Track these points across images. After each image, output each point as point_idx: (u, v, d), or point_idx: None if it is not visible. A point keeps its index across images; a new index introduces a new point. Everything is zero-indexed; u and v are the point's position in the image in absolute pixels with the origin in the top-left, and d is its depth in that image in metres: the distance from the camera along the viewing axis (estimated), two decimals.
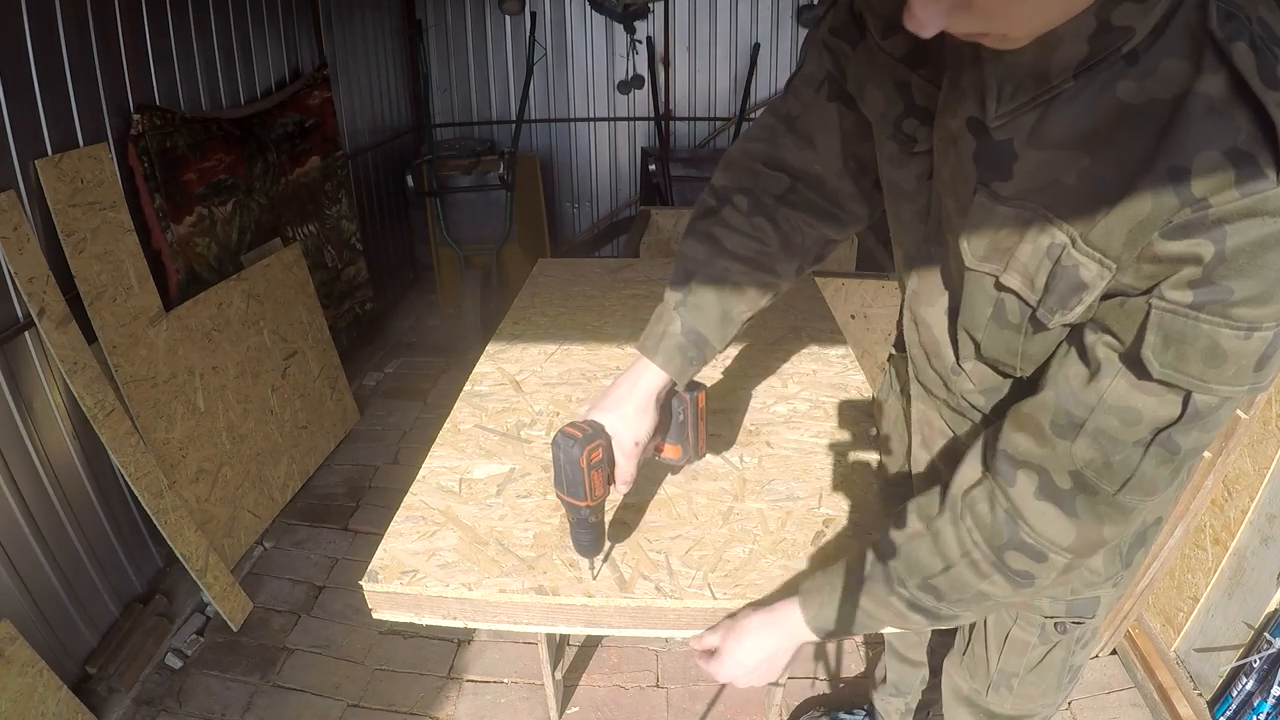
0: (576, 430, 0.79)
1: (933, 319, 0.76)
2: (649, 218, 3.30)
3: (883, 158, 0.76)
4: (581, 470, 0.78)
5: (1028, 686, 0.93)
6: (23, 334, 1.67)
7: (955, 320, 0.72)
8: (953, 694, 1.05)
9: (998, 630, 0.91)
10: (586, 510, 0.80)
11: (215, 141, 2.39)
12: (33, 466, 1.68)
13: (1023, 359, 0.67)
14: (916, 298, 0.78)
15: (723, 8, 4.22)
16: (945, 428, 0.86)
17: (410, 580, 0.85)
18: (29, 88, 1.70)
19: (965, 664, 1.01)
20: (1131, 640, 1.83)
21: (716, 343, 0.83)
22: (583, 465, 0.77)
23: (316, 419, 2.69)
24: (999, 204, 0.60)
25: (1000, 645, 0.92)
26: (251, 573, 2.22)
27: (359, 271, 3.45)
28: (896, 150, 0.72)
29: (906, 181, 0.73)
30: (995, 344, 0.68)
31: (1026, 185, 0.59)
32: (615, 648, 1.94)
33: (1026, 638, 0.89)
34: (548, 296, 1.66)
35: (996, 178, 0.60)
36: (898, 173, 0.74)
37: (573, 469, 0.78)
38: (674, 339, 0.82)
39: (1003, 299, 0.64)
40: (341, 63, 3.46)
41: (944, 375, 0.79)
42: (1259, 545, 1.58)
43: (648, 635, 0.90)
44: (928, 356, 0.81)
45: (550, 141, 4.55)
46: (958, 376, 0.76)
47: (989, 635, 0.93)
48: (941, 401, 0.83)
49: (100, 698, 1.76)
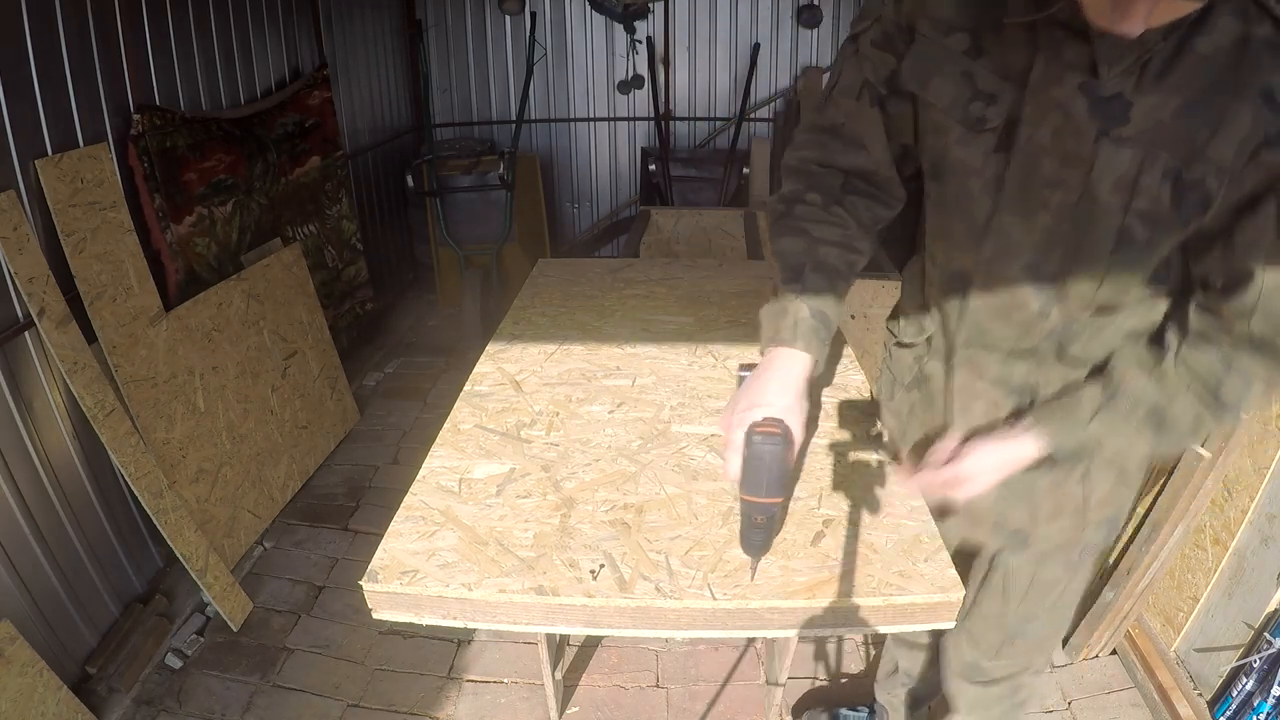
0: (773, 428, 0.79)
1: (1013, 275, 0.88)
2: (649, 218, 3.30)
3: (949, 140, 0.87)
4: (787, 467, 0.79)
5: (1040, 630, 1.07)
6: (23, 334, 1.67)
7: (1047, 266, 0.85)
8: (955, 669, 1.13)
9: (1021, 577, 1.03)
10: (777, 507, 0.81)
11: (215, 141, 2.39)
12: (33, 466, 1.68)
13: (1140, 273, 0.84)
14: (992, 263, 0.89)
15: (723, 8, 4.22)
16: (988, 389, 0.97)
17: (410, 580, 0.85)
18: (29, 88, 1.71)
19: (967, 632, 1.11)
20: (1131, 640, 1.83)
21: (835, 320, 0.90)
22: (788, 462, 0.79)
23: (316, 419, 2.69)
24: (1121, 146, 0.76)
25: (1023, 591, 1.04)
26: (251, 573, 2.22)
27: (359, 271, 3.45)
28: (964, 131, 0.85)
29: (974, 158, 0.86)
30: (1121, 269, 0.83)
31: (1140, 127, 0.75)
32: (615, 648, 1.94)
33: (1054, 574, 1.03)
34: (548, 296, 1.66)
35: (1116, 125, 0.76)
36: (965, 150, 0.86)
37: (780, 467, 0.78)
38: (806, 323, 0.87)
39: (1128, 224, 0.79)
40: (341, 63, 3.46)
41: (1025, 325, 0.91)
42: (1259, 545, 1.58)
43: (648, 635, 0.90)
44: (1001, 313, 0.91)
45: (550, 141, 4.55)
46: (1045, 320, 0.89)
47: (1010, 586, 1.04)
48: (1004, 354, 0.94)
49: (100, 698, 1.76)
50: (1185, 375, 0.82)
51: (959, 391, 1.00)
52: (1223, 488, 1.65)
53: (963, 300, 0.94)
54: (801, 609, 0.83)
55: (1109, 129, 0.76)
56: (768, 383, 0.85)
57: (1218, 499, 1.67)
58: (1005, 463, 0.90)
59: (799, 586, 0.84)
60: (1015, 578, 1.05)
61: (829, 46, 4.27)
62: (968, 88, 0.83)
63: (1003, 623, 1.07)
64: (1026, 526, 1.02)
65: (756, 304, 1.63)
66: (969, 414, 1.00)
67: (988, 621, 1.09)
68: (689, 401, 1.22)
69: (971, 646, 1.12)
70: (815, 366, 0.87)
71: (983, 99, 0.83)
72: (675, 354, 1.38)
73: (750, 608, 0.83)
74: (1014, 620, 1.07)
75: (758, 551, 0.84)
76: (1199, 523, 1.70)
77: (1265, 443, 1.57)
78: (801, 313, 0.87)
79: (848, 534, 0.92)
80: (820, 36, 4.26)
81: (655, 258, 2.69)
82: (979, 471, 0.90)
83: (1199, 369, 0.82)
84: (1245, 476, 1.61)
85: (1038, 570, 1.03)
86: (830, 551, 0.89)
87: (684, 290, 1.70)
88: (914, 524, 0.94)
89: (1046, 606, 1.05)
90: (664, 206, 3.73)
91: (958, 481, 0.90)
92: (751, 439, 0.79)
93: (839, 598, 0.83)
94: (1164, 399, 0.83)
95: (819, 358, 0.87)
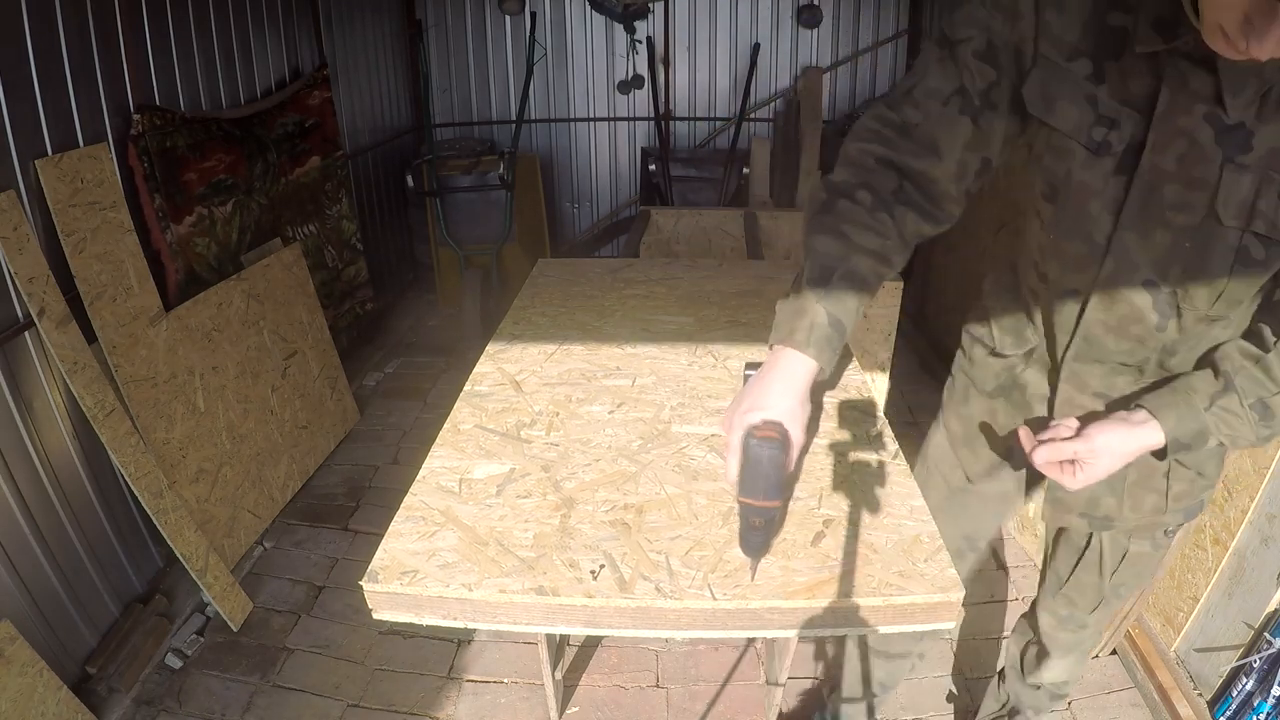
0: (771, 431, 0.79)
1: (1131, 293, 0.91)
2: (649, 218, 3.30)
3: (1073, 163, 0.90)
4: (784, 471, 0.79)
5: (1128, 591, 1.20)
6: (23, 334, 1.67)
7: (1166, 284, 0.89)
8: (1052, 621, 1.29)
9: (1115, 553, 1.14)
10: (775, 510, 0.81)
11: (215, 141, 2.39)
12: (33, 466, 1.68)
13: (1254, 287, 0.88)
14: (1112, 279, 0.91)
15: (723, 8, 4.22)
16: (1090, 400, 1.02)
17: (410, 580, 0.85)
18: (29, 88, 1.70)
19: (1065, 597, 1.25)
20: (1131, 640, 1.83)
21: (850, 330, 0.90)
22: (786, 466, 0.79)
23: (316, 419, 2.69)
24: (1243, 172, 0.80)
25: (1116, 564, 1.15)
26: (251, 573, 2.22)
27: (359, 271, 3.45)
28: (1087, 155, 0.88)
29: (1096, 180, 0.89)
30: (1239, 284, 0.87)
31: (1261, 154, 0.79)
32: (615, 648, 1.94)
33: (1142, 549, 1.13)
34: (548, 296, 1.66)
35: (1239, 152, 0.80)
36: (1087, 173, 0.89)
37: (777, 471, 0.78)
38: (822, 330, 0.86)
39: (1246, 245, 0.83)
40: (341, 63, 3.46)
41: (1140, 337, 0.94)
42: (1259, 545, 1.58)
43: (648, 635, 0.90)
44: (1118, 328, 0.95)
45: (550, 141, 4.55)
46: (1162, 333, 0.93)
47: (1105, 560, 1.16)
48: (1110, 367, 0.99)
49: (100, 698, 1.76)
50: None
51: (1061, 405, 1.04)
52: (1223, 488, 1.65)
53: (1078, 315, 0.97)
54: (801, 609, 0.83)
55: (1233, 156, 0.80)
56: (771, 385, 0.86)
57: (1218, 499, 1.67)
58: (1130, 450, 0.92)
59: (799, 586, 0.84)
60: (1110, 554, 1.15)
61: (829, 46, 4.28)
62: (1091, 112, 0.86)
63: (1099, 590, 1.20)
64: (1113, 513, 1.09)
65: (757, 304, 1.64)
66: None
67: (1084, 588, 1.21)
68: (689, 401, 1.22)
69: (1069, 606, 1.26)
70: (821, 374, 0.88)
71: (1105, 124, 0.86)
72: (675, 354, 1.38)
73: (750, 608, 0.83)
74: (1108, 588, 1.19)
75: (757, 553, 0.84)
76: (1199, 523, 1.70)
77: None
78: (819, 318, 0.86)
79: (848, 534, 0.92)
80: (820, 36, 4.26)
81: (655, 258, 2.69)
82: (1107, 453, 0.91)
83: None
84: (1245, 476, 1.61)
85: (1130, 547, 1.13)
86: (830, 552, 0.89)
87: (684, 290, 1.70)
88: (914, 524, 0.94)
89: (1134, 574, 1.17)
90: (664, 206, 3.72)
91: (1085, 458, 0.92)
92: (749, 442, 0.79)
93: (839, 598, 0.83)
94: (1269, 390, 0.88)
95: (827, 367, 0.88)
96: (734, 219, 3.32)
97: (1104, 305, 0.94)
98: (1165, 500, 1.06)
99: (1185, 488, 1.05)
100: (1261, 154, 0.79)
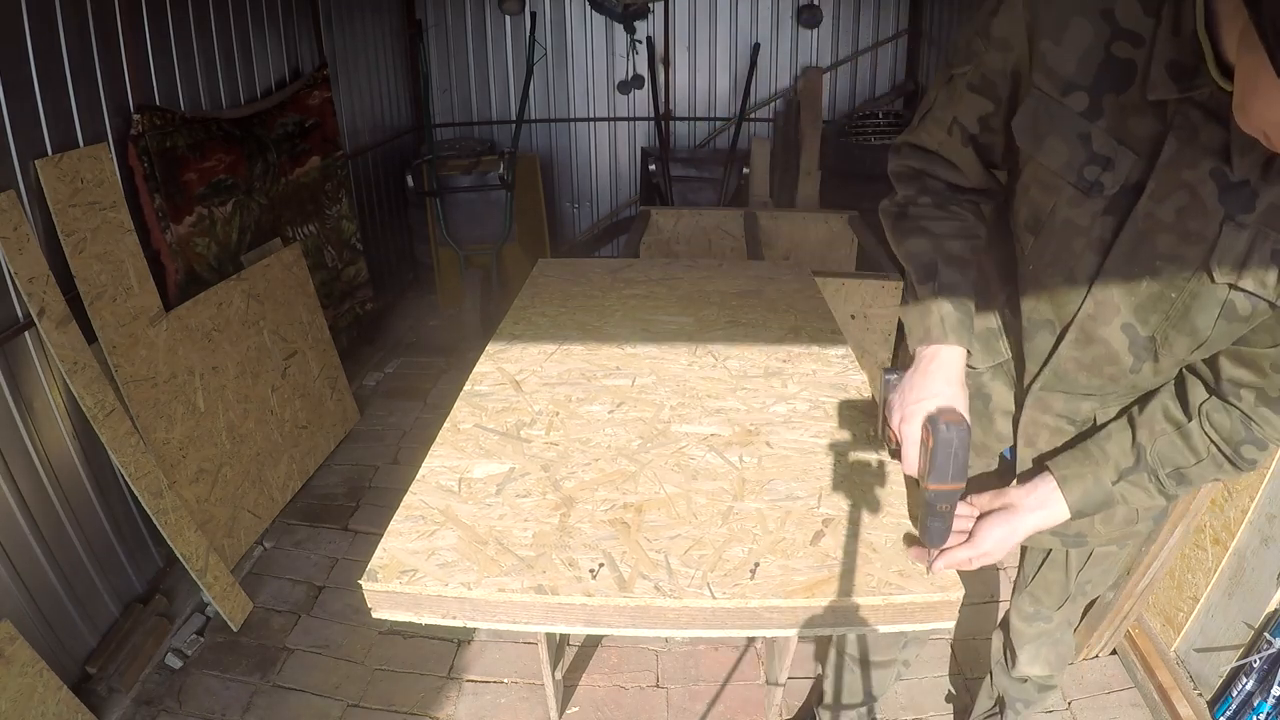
0: (954, 416, 0.82)
1: (1109, 334, 0.92)
2: (649, 218, 3.30)
3: (1058, 199, 0.89)
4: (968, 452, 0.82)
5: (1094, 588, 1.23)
6: (23, 334, 1.67)
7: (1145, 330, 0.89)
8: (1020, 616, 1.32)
9: (1081, 553, 1.16)
10: (960, 493, 0.84)
11: (215, 141, 2.39)
12: (33, 466, 1.68)
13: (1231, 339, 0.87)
14: (1093, 320, 0.92)
15: (723, 8, 4.22)
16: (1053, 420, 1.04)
17: (410, 579, 0.85)
18: (29, 88, 1.71)
19: (1030, 594, 1.27)
20: (1131, 640, 1.83)
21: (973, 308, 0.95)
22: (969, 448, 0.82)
23: (316, 419, 2.69)
24: (1242, 230, 0.78)
25: (1082, 564, 1.18)
26: (251, 573, 2.22)
27: (359, 271, 3.45)
28: (1075, 193, 0.86)
29: (1082, 219, 0.88)
30: (1221, 335, 0.86)
31: (1261, 211, 0.77)
32: (615, 648, 1.94)
33: (1110, 550, 1.16)
34: (548, 296, 1.66)
35: (1241, 211, 0.78)
36: (1074, 211, 0.88)
37: (965, 453, 0.81)
38: (952, 318, 0.92)
39: (1232, 299, 0.82)
40: (341, 63, 3.46)
41: (1114, 377, 0.95)
42: (1259, 545, 1.58)
43: (647, 635, 0.90)
44: (1091, 366, 0.96)
45: (550, 141, 4.55)
46: (1135, 374, 0.94)
47: (1071, 559, 1.18)
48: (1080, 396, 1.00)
49: (100, 698, 1.76)
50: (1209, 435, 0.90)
51: (1025, 425, 1.06)
52: (1223, 488, 1.65)
53: (1052, 349, 0.98)
54: (801, 608, 0.83)
55: (1234, 214, 0.78)
56: (932, 377, 0.90)
57: (1218, 499, 1.67)
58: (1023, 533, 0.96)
59: (798, 586, 0.84)
60: (1076, 555, 1.18)
61: (829, 46, 4.28)
62: (1084, 150, 0.84)
63: (1065, 587, 1.22)
64: (1086, 530, 1.10)
65: (756, 304, 1.64)
66: (1034, 445, 1.06)
67: (1050, 585, 1.23)
68: (689, 401, 1.22)
69: (1034, 603, 1.28)
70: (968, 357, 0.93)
71: (1098, 163, 0.83)
72: (675, 354, 1.39)
73: (750, 607, 0.83)
74: (1074, 585, 1.21)
75: (939, 540, 0.85)
76: (1199, 523, 1.70)
77: None
78: (945, 309, 0.92)
79: (847, 533, 0.92)
80: (820, 36, 4.26)
81: (655, 258, 2.69)
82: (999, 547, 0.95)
83: (1223, 430, 0.89)
84: (1245, 476, 1.61)
85: (1095, 550, 1.15)
86: (830, 551, 0.89)
87: (684, 290, 1.70)
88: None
89: (1101, 572, 1.20)
90: (664, 206, 3.72)
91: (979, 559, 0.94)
92: (939, 426, 0.81)
93: (839, 597, 0.83)
94: (1188, 461, 0.91)
95: (970, 348, 0.93)
96: (734, 219, 3.32)
97: (1079, 343, 0.94)
98: (1136, 513, 1.08)
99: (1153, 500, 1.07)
100: (1261, 211, 0.77)
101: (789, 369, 1.34)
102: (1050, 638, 1.35)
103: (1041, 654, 1.37)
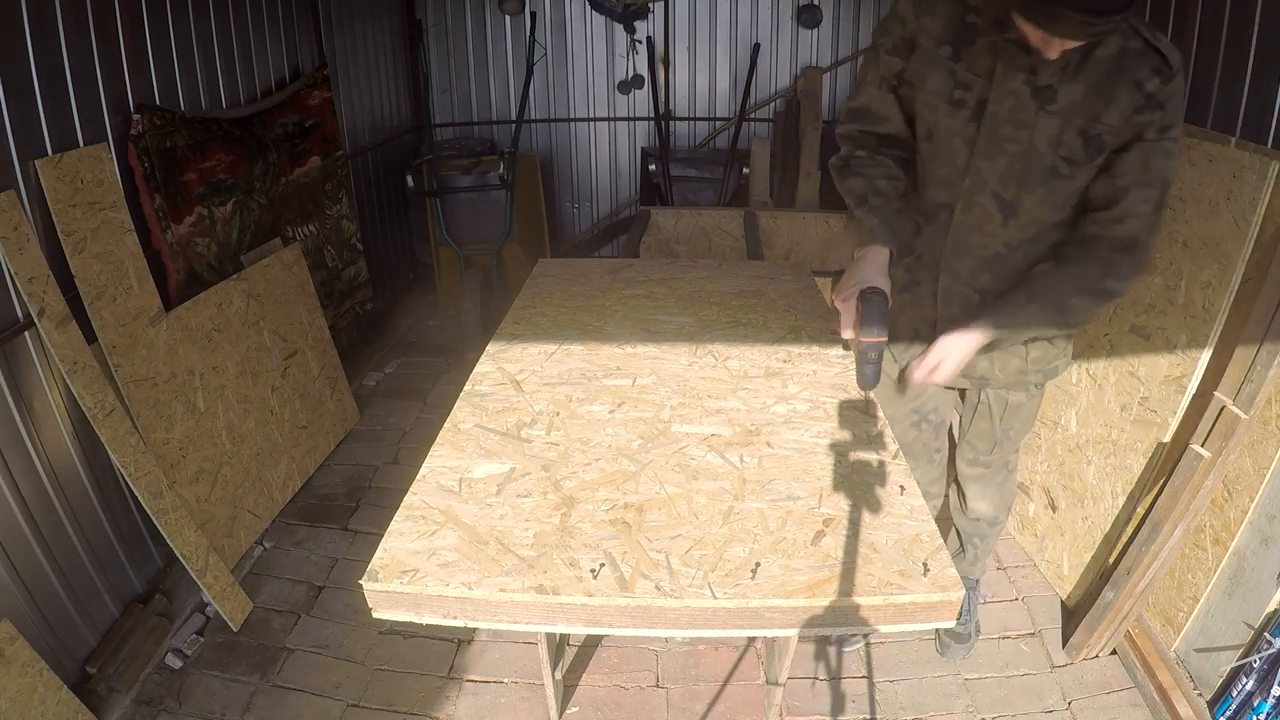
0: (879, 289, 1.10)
1: (983, 200, 1.31)
2: (649, 218, 3.30)
3: (938, 115, 1.30)
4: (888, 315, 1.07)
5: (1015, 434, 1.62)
6: (23, 334, 1.67)
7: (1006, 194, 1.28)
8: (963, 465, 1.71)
9: (999, 404, 1.56)
10: (883, 345, 1.08)
11: (215, 141, 2.39)
12: (33, 466, 1.68)
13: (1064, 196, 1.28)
14: (970, 193, 1.31)
15: (723, 8, 4.22)
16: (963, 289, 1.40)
17: (410, 579, 0.85)
18: (29, 88, 1.70)
19: (968, 443, 1.66)
20: (1131, 640, 1.83)
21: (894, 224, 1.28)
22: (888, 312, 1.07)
23: (316, 419, 2.69)
24: (1052, 116, 1.20)
25: (1002, 411, 1.57)
26: (251, 573, 2.21)
27: (359, 271, 3.45)
28: (949, 109, 1.28)
29: (956, 125, 1.29)
30: (1054, 193, 1.27)
31: (1062, 104, 1.19)
32: (615, 648, 1.94)
33: (1019, 400, 1.55)
34: (548, 296, 1.66)
35: (1048, 104, 1.20)
36: (950, 121, 1.29)
37: (885, 313, 1.07)
38: (881, 229, 1.25)
39: (1056, 164, 1.23)
40: (341, 63, 3.45)
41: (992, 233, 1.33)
42: (1259, 545, 1.58)
43: (648, 635, 0.90)
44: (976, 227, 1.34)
45: (550, 141, 4.55)
46: (1006, 229, 1.32)
47: (993, 409, 1.57)
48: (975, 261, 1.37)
49: (100, 698, 1.76)
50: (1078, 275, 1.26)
51: (943, 292, 1.42)
52: (1223, 488, 1.65)
53: (948, 222, 1.36)
54: (801, 608, 0.83)
55: (1043, 106, 1.20)
56: (862, 267, 1.20)
57: (1218, 499, 1.67)
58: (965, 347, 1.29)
59: (799, 585, 0.84)
60: (995, 405, 1.57)
61: (829, 46, 4.27)
62: (951, 80, 1.27)
63: (992, 433, 1.61)
64: (988, 373, 1.48)
65: (756, 304, 1.64)
66: (950, 307, 1.42)
67: (981, 433, 1.63)
68: (689, 401, 1.22)
69: (971, 450, 1.68)
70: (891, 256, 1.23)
71: (961, 87, 1.26)
72: (675, 354, 1.39)
73: (750, 606, 0.83)
74: (999, 430, 1.60)
75: (872, 383, 1.09)
76: (1199, 523, 1.70)
77: (1265, 443, 1.57)
78: (873, 222, 1.26)
79: (848, 533, 0.92)
80: (820, 36, 4.26)
81: (655, 258, 2.69)
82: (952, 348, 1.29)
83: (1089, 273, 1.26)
84: (1245, 476, 1.61)
85: (1008, 397, 1.54)
86: (831, 550, 0.89)
87: (684, 290, 1.70)
88: (914, 523, 0.94)
89: (1019, 420, 1.59)
90: (664, 206, 3.72)
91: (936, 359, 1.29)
92: (865, 295, 1.08)
93: (839, 597, 0.83)
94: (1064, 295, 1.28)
95: (892, 249, 1.24)
96: (734, 219, 3.32)
97: (965, 210, 1.34)
98: (1026, 363, 1.47)
99: (1040, 354, 1.47)
100: (1064, 103, 1.18)
101: (789, 369, 1.34)
102: (992, 481, 1.71)
103: (986, 494, 1.73)
